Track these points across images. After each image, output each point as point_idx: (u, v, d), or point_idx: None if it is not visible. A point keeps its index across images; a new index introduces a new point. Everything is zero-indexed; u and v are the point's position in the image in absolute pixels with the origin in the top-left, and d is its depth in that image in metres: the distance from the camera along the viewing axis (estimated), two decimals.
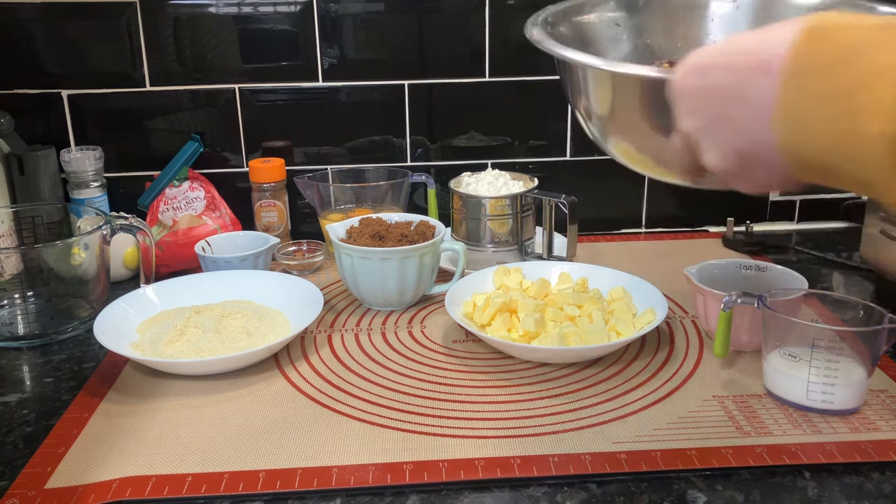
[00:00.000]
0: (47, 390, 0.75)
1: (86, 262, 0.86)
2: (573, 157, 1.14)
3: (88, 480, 0.60)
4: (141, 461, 0.62)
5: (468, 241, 0.97)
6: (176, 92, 1.07)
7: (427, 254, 0.87)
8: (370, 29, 1.07)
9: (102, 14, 1.03)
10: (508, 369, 0.76)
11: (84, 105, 1.07)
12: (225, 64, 1.07)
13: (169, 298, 0.86)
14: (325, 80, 1.08)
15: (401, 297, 0.88)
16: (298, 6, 1.05)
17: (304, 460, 0.62)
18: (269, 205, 1.06)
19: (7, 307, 0.88)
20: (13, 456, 0.64)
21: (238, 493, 0.58)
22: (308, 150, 1.12)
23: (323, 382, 0.74)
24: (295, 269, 1.00)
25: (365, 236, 0.88)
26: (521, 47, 1.09)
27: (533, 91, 1.11)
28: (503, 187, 0.97)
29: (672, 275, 0.88)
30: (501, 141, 1.13)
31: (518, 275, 0.88)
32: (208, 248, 0.97)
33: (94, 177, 1.04)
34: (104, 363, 0.79)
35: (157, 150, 1.09)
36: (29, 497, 0.58)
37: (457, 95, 1.10)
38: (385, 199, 1.05)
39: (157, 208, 1.04)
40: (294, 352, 0.80)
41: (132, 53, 1.05)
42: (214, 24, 1.05)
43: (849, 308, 0.70)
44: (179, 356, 0.75)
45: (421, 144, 1.12)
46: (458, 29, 1.07)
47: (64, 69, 1.05)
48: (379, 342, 0.82)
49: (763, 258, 1.02)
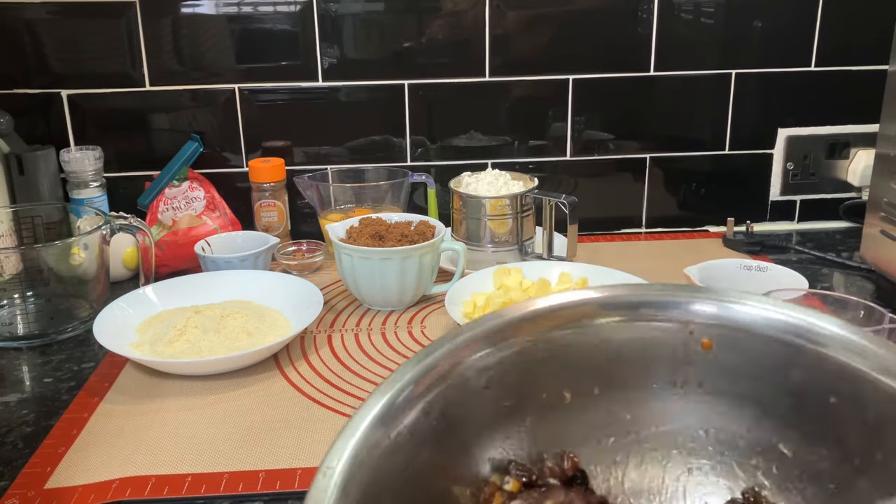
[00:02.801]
0: (47, 390, 0.74)
1: (85, 262, 0.86)
2: (573, 157, 1.14)
3: (88, 480, 0.60)
4: (141, 461, 0.62)
5: (468, 241, 0.97)
6: (176, 92, 1.07)
7: (427, 254, 0.87)
8: (370, 29, 1.07)
9: (102, 14, 1.03)
10: None
11: (84, 105, 1.07)
12: (225, 64, 1.07)
13: (169, 298, 0.86)
14: (325, 80, 1.08)
15: (401, 297, 0.88)
16: (298, 6, 1.05)
17: (304, 460, 0.62)
18: (269, 205, 1.06)
19: (7, 307, 0.88)
20: (13, 456, 0.64)
21: (238, 493, 0.58)
22: (308, 150, 1.12)
23: (323, 382, 0.74)
24: (295, 269, 1.00)
25: (365, 236, 0.88)
26: (522, 47, 1.09)
27: (533, 91, 1.11)
28: (503, 187, 0.97)
29: (672, 275, 0.88)
30: (501, 141, 1.13)
31: (518, 275, 0.88)
32: (208, 248, 0.97)
33: (94, 177, 1.04)
34: (104, 363, 0.79)
35: (157, 150, 1.09)
36: (29, 497, 0.58)
37: (457, 95, 1.10)
38: (385, 199, 1.05)
39: (157, 208, 1.04)
40: (294, 352, 0.80)
41: (132, 53, 1.05)
42: (214, 23, 1.05)
43: (849, 308, 0.70)
44: (179, 356, 0.75)
45: (421, 144, 1.12)
46: (458, 29, 1.07)
47: (64, 69, 1.05)
48: (379, 342, 0.82)
49: (763, 258, 1.02)
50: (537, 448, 0.44)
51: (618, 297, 0.44)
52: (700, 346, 0.43)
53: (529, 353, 0.43)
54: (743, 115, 1.14)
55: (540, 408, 0.44)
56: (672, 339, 0.43)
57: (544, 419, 0.44)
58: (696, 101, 1.13)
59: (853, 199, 1.17)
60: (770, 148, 1.16)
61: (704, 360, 0.43)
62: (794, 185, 1.17)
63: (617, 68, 1.11)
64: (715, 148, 1.15)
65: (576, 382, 0.44)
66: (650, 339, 0.44)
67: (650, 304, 0.43)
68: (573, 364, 0.44)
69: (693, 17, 1.09)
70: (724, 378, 0.43)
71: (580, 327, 0.44)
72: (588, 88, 1.11)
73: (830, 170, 1.17)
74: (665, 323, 0.43)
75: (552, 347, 0.43)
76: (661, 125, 1.14)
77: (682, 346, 0.43)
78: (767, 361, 0.41)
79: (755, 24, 1.10)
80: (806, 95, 1.13)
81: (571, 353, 0.44)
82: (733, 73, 1.12)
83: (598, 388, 0.45)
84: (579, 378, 0.44)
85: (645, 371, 0.44)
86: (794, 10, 1.10)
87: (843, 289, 0.96)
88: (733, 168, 1.16)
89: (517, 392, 0.43)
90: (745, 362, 0.42)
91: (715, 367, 0.43)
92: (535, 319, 0.43)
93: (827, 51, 1.11)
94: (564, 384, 0.44)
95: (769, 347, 0.41)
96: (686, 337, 0.43)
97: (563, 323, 0.43)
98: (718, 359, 0.43)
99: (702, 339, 0.43)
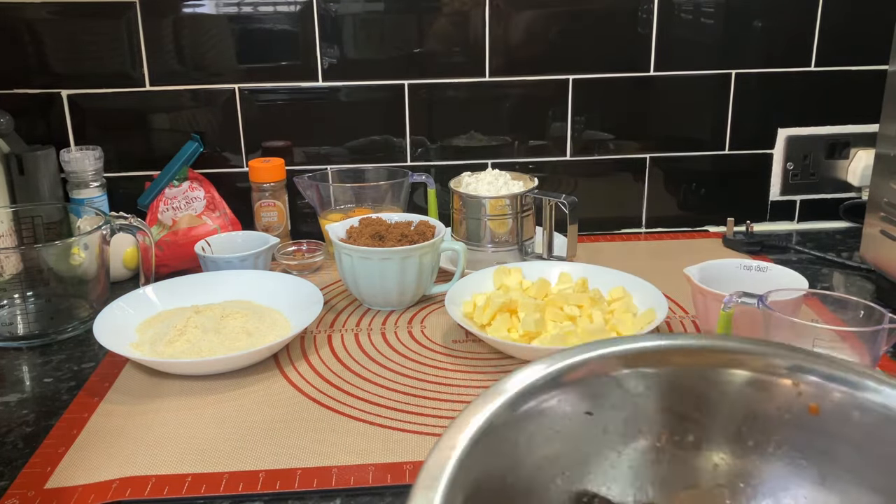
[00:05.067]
0: (47, 390, 0.74)
1: (85, 262, 0.86)
2: (573, 157, 1.14)
3: (88, 480, 0.60)
4: (141, 461, 0.62)
5: (468, 241, 0.97)
6: (176, 92, 1.07)
7: (427, 254, 0.87)
8: (370, 29, 1.07)
9: (102, 14, 1.03)
10: (508, 369, 0.76)
11: (84, 105, 1.07)
12: (225, 64, 1.07)
13: (169, 298, 0.86)
14: (325, 80, 1.08)
15: (401, 297, 0.88)
16: (298, 6, 1.05)
17: (304, 460, 0.62)
18: (269, 205, 1.06)
19: (7, 307, 0.88)
20: (13, 456, 0.64)
21: (238, 493, 0.58)
22: (308, 150, 1.12)
23: (323, 382, 0.74)
24: (295, 269, 1.00)
25: (365, 236, 0.88)
26: (522, 47, 1.09)
27: (533, 91, 1.11)
28: (503, 187, 0.97)
29: (672, 275, 0.88)
30: (501, 141, 1.13)
31: (518, 275, 0.88)
32: (208, 248, 0.97)
33: (94, 177, 1.04)
34: (104, 363, 0.79)
35: (157, 150, 1.09)
36: (29, 497, 0.58)
37: (457, 95, 1.10)
38: (385, 199, 1.05)
39: (157, 208, 1.04)
40: (294, 352, 0.80)
41: (132, 53, 1.05)
42: (214, 23, 1.05)
43: (849, 308, 0.70)
44: (179, 356, 0.75)
45: (421, 144, 1.12)
46: (458, 29, 1.07)
47: (64, 69, 1.05)
48: (379, 342, 0.82)
49: (763, 258, 1.02)
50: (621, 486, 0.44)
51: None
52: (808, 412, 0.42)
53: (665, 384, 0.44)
54: (743, 115, 1.14)
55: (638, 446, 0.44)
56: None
57: (643, 459, 0.44)
58: (696, 101, 1.13)
59: (853, 199, 1.17)
60: (770, 148, 1.16)
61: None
62: (794, 185, 1.17)
63: (617, 68, 1.11)
64: (715, 148, 1.15)
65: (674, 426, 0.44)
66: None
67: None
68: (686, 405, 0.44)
69: (693, 17, 1.09)
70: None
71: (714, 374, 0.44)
72: (588, 88, 1.11)
73: (830, 170, 1.17)
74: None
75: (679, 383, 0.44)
76: (661, 125, 1.14)
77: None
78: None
79: (755, 24, 1.10)
80: (806, 95, 1.13)
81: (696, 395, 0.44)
82: (733, 73, 1.12)
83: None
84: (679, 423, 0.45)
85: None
86: (794, 10, 1.10)
87: (843, 289, 0.96)
88: (733, 168, 1.16)
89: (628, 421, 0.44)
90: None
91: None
92: (689, 353, 0.44)
93: (827, 51, 1.11)
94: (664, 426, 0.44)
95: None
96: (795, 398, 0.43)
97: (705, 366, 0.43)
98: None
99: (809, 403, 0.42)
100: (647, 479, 0.45)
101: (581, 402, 0.42)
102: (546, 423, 0.41)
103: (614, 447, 0.44)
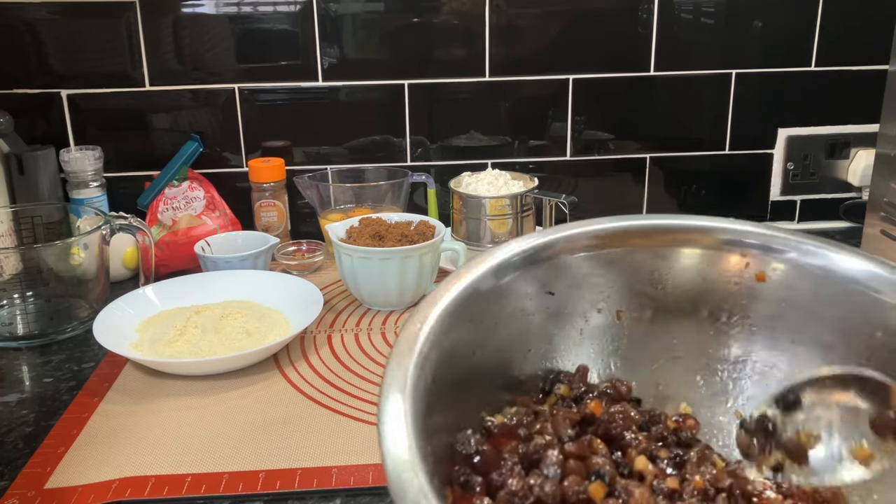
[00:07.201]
0: (47, 390, 0.74)
1: (85, 262, 0.86)
2: (573, 157, 1.14)
3: (88, 480, 0.60)
4: (140, 461, 0.62)
5: (468, 241, 0.97)
6: (176, 92, 1.07)
7: (427, 254, 0.87)
8: (370, 29, 1.07)
9: (102, 14, 1.03)
10: None
11: (84, 105, 1.07)
12: (225, 64, 1.07)
13: (168, 298, 0.86)
14: (324, 80, 1.08)
15: (401, 297, 0.88)
16: (298, 6, 1.05)
17: (304, 460, 0.62)
18: (269, 205, 1.06)
19: (6, 307, 0.88)
20: (13, 456, 0.64)
21: (238, 493, 0.58)
22: (308, 150, 1.12)
23: (323, 382, 0.74)
24: (295, 269, 1.00)
25: (365, 236, 0.88)
26: (521, 47, 1.09)
27: (533, 91, 1.11)
28: (503, 187, 0.97)
29: None
30: (501, 141, 1.13)
31: None
32: (208, 248, 0.97)
33: (94, 177, 1.04)
34: (104, 363, 0.79)
35: (157, 150, 1.09)
36: (28, 497, 0.58)
37: (457, 95, 1.10)
38: (385, 199, 1.04)
39: (157, 208, 1.04)
40: (294, 352, 0.80)
41: (132, 53, 1.05)
42: (214, 23, 1.05)
43: None
44: (179, 356, 0.75)
45: (421, 144, 1.12)
46: (458, 29, 1.07)
47: (64, 69, 1.05)
48: (379, 342, 0.82)
49: None
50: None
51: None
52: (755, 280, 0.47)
53: (619, 263, 0.48)
54: (743, 115, 1.14)
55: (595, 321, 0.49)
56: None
57: (605, 336, 0.49)
58: (696, 101, 1.13)
59: (853, 199, 1.17)
60: (770, 148, 1.16)
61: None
62: (795, 185, 1.17)
63: (617, 68, 1.11)
64: (715, 148, 1.15)
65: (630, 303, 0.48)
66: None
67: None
68: (633, 284, 0.49)
69: (693, 17, 1.09)
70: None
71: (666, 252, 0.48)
72: (588, 88, 1.11)
73: (830, 170, 1.17)
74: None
75: (633, 262, 0.48)
76: (661, 125, 1.14)
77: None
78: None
79: (755, 24, 1.10)
80: (806, 95, 1.13)
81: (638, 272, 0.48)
82: (733, 73, 1.12)
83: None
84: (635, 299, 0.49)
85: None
86: (794, 10, 1.10)
87: None
88: (733, 168, 1.16)
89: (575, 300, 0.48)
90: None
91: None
92: (649, 234, 0.48)
93: (827, 51, 1.11)
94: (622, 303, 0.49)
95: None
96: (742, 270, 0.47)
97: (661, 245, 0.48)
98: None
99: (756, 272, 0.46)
100: (609, 356, 0.49)
101: (544, 283, 0.46)
102: (510, 303, 0.45)
103: (576, 325, 0.48)
